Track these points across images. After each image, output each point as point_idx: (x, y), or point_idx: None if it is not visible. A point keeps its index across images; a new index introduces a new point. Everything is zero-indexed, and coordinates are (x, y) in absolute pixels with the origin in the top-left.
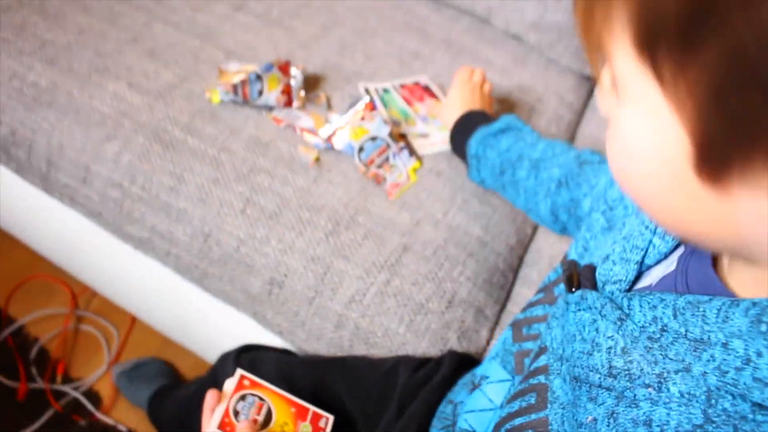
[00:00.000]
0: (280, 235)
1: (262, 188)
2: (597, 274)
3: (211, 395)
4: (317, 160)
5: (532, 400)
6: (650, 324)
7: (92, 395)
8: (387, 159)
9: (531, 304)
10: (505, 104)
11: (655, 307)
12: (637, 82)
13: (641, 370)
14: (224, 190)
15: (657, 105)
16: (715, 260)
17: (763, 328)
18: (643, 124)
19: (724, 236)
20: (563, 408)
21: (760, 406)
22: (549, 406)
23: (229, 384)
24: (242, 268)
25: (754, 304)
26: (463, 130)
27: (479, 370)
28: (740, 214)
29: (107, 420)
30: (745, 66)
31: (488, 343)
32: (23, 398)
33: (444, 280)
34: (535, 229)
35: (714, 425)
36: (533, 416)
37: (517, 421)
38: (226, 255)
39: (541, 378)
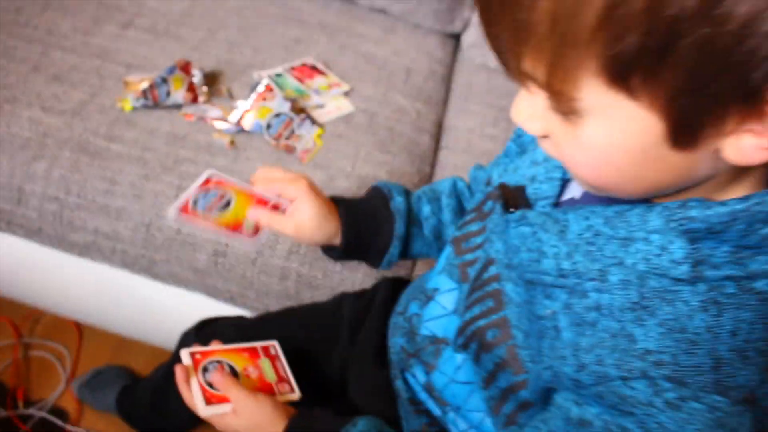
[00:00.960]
0: None
1: (189, 174)
2: (528, 193)
3: (179, 370)
4: (232, 142)
5: (491, 304)
6: (585, 231)
7: (58, 412)
8: (293, 131)
9: (465, 222)
10: (384, 70)
11: (587, 218)
12: (606, 102)
13: (586, 268)
14: (155, 182)
15: (628, 111)
16: None
17: (672, 224)
18: (615, 129)
19: (675, 183)
20: (519, 306)
21: (677, 279)
22: (506, 306)
23: (185, 357)
24: (186, 248)
25: (665, 207)
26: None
27: (429, 285)
28: (701, 159)
29: (79, 431)
30: (716, 54)
31: (414, 265)
32: None
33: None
34: (432, 167)
35: (647, 300)
36: (493, 317)
37: (480, 322)
38: (170, 239)
39: (494, 285)
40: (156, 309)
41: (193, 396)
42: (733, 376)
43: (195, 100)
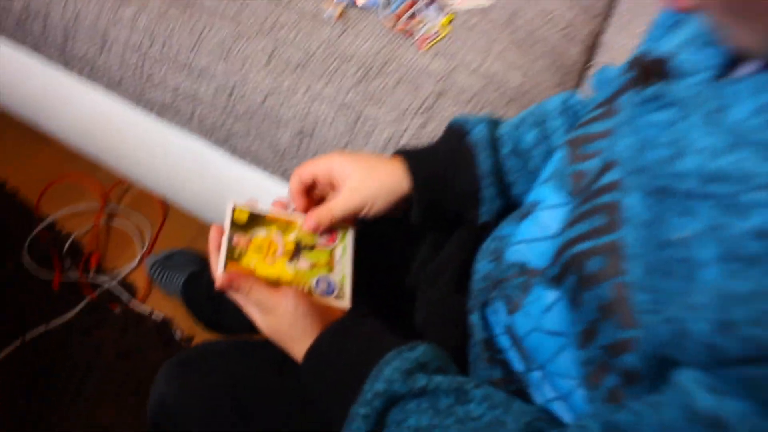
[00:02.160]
0: (308, 84)
1: (287, 41)
2: (672, 65)
3: (214, 231)
4: (341, 15)
5: (601, 221)
6: (760, 112)
7: (126, 286)
8: (414, 14)
9: (588, 120)
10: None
11: (761, 90)
12: None
13: (754, 169)
14: (247, 44)
15: None
16: None
17: None
18: None
19: None
20: (641, 227)
21: None
22: (623, 226)
23: (228, 211)
24: (269, 122)
25: None
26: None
27: (530, 197)
28: None
29: (142, 308)
30: None
31: None
32: (58, 288)
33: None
34: (578, 84)
35: None
36: (602, 239)
37: (583, 245)
38: (252, 109)
39: (611, 195)
40: (234, 191)
41: (218, 261)
42: None
43: None
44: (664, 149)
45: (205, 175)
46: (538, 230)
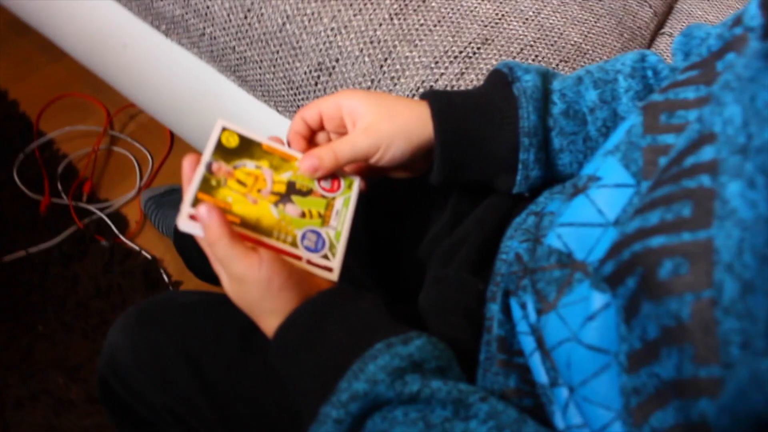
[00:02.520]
0: (335, 11)
1: None
2: None
3: (188, 161)
4: None
5: (686, 211)
6: None
7: (119, 218)
8: None
9: (674, 84)
10: None
11: None
12: None
13: None
14: None
15: None
16: None
17: None
18: None
19: None
20: (746, 227)
21: None
22: (716, 222)
23: (215, 131)
24: (286, 50)
25: None
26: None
27: (587, 169)
28: None
29: (131, 245)
30: None
31: None
32: (45, 211)
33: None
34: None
35: None
36: (685, 236)
37: (655, 241)
38: (269, 33)
39: (702, 180)
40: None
41: (183, 198)
42: None
43: None
44: None
45: (212, 107)
46: (591, 213)
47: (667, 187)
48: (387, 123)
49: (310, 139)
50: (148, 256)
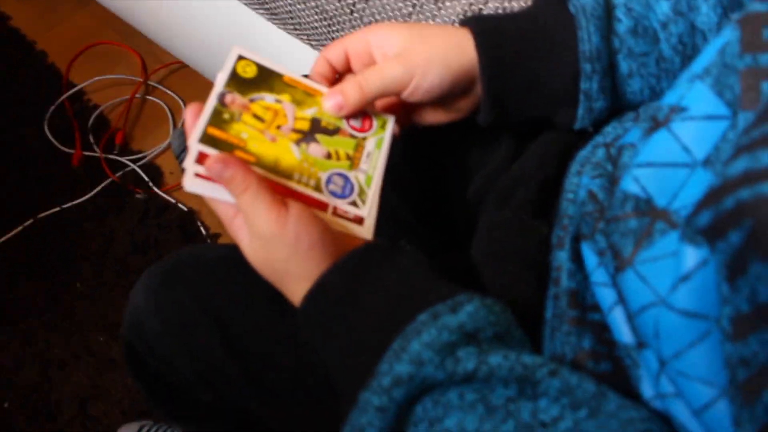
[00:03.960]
0: None
1: None
2: None
3: (191, 109)
4: None
5: None
6: None
7: (152, 169)
8: None
9: None
10: None
11: None
12: None
13: None
14: None
15: None
16: None
17: None
18: None
19: None
20: None
21: None
22: None
23: (231, 58)
24: None
25: None
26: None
27: (669, 98)
28: None
29: (167, 197)
30: None
31: None
32: (77, 165)
33: None
34: None
35: None
36: None
37: (766, 187)
38: None
39: None
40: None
41: (188, 146)
42: None
43: None
44: None
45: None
46: (675, 151)
47: None
48: (421, 47)
49: (336, 82)
50: (185, 208)
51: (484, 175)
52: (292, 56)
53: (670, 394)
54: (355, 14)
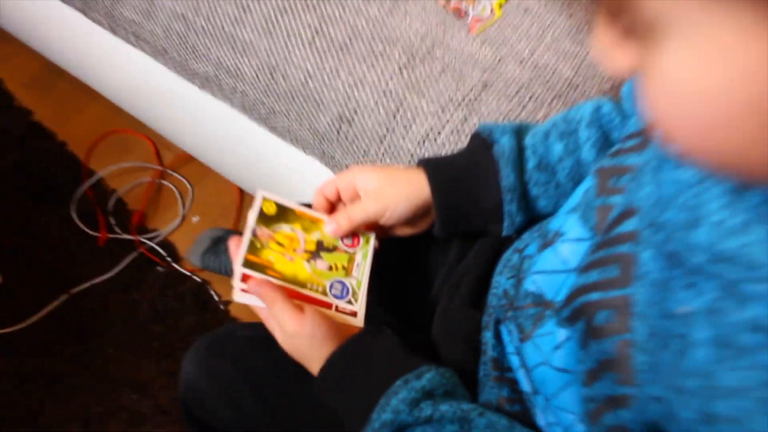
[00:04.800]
0: (351, 67)
1: (333, 18)
2: None
3: (233, 243)
4: None
5: (614, 272)
6: None
7: (167, 246)
8: None
9: (622, 151)
10: None
11: None
12: (694, 13)
13: (759, 259)
14: (292, 19)
15: (735, 33)
16: None
17: None
18: (715, 61)
19: None
20: (653, 287)
21: None
22: (634, 282)
23: (255, 207)
24: (310, 104)
25: None
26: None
27: (554, 224)
28: None
29: (182, 270)
30: None
31: None
32: (103, 244)
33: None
34: None
35: None
36: (613, 293)
37: (594, 296)
38: (294, 89)
39: (627, 247)
40: (272, 166)
41: (234, 270)
42: None
43: None
44: (681, 212)
45: (246, 148)
46: (558, 262)
47: (604, 251)
48: (391, 188)
49: (332, 210)
50: (198, 279)
51: (440, 277)
52: (288, 158)
53: (553, 422)
54: (341, 134)
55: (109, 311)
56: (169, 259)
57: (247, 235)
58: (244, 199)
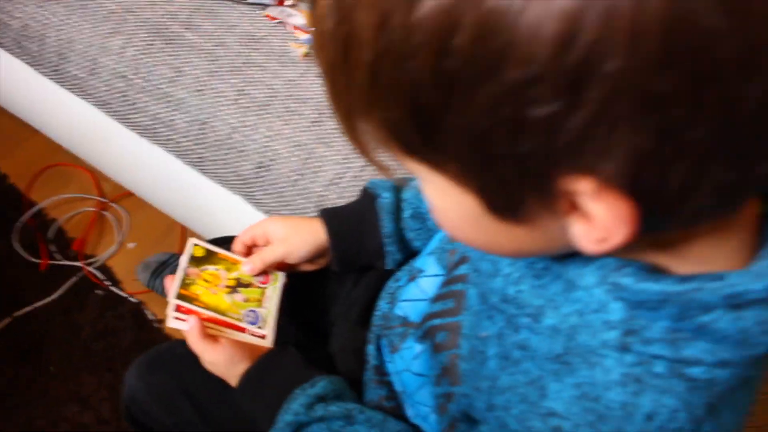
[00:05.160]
0: (269, 123)
1: (254, 80)
2: None
3: (168, 279)
4: (306, 54)
5: (451, 305)
6: (539, 261)
7: (105, 270)
8: None
9: None
10: None
11: None
12: (424, 172)
13: (527, 301)
14: (219, 81)
15: (441, 182)
16: None
17: (606, 286)
18: (438, 195)
19: (556, 248)
20: (473, 316)
21: (605, 344)
22: (464, 312)
23: (187, 251)
24: (234, 153)
25: (603, 265)
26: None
27: (417, 263)
28: (550, 234)
29: (119, 292)
30: (482, 146)
31: None
32: (44, 269)
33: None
34: None
35: (570, 355)
36: (449, 319)
37: (436, 321)
38: (220, 141)
39: (460, 285)
40: (202, 203)
41: (168, 301)
42: None
43: (282, 2)
44: (489, 264)
45: (179, 186)
46: (419, 293)
47: (446, 288)
48: (294, 235)
49: (250, 252)
50: (134, 300)
51: (339, 301)
52: (216, 196)
53: (415, 415)
54: (260, 178)
55: (51, 332)
56: (107, 282)
57: (180, 274)
58: (177, 228)
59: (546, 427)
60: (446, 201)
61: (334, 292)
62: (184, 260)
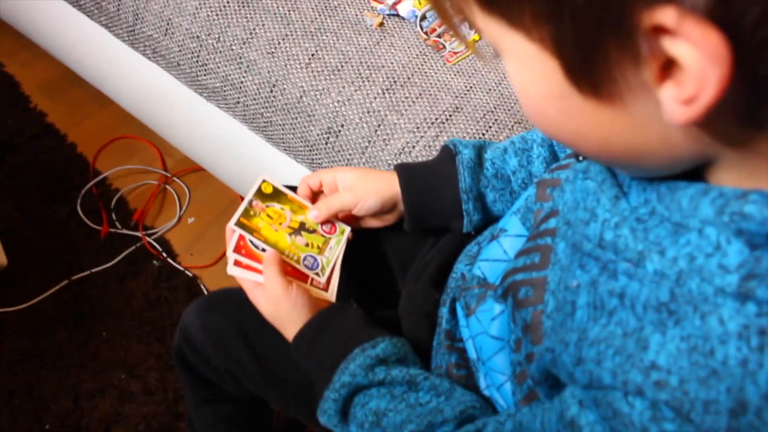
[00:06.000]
0: (340, 88)
1: (327, 45)
2: None
3: (228, 229)
4: (381, 24)
5: (536, 259)
6: (642, 205)
7: (162, 242)
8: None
9: (559, 167)
10: None
11: (645, 189)
12: (504, 38)
13: (626, 245)
14: (292, 45)
15: (520, 47)
16: None
17: (725, 218)
18: (520, 69)
19: (646, 145)
20: (561, 270)
21: (721, 290)
22: (550, 266)
23: (255, 185)
24: (303, 117)
25: (721, 194)
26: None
27: (500, 223)
28: (637, 117)
29: (176, 265)
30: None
31: None
32: (104, 237)
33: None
34: None
35: (677, 303)
36: (534, 274)
37: (519, 276)
38: (290, 104)
39: (548, 239)
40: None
41: (227, 247)
42: (757, 429)
43: None
44: (584, 212)
45: (242, 155)
46: (500, 253)
47: (532, 242)
48: (364, 183)
49: (313, 199)
50: (190, 275)
51: (414, 264)
52: (281, 166)
53: (489, 384)
54: (329, 145)
55: (106, 298)
56: (164, 254)
57: (244, 204)
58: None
59: (648, 380)
60: (527, 75)
61: (409, 254)
62: (250, 192)
